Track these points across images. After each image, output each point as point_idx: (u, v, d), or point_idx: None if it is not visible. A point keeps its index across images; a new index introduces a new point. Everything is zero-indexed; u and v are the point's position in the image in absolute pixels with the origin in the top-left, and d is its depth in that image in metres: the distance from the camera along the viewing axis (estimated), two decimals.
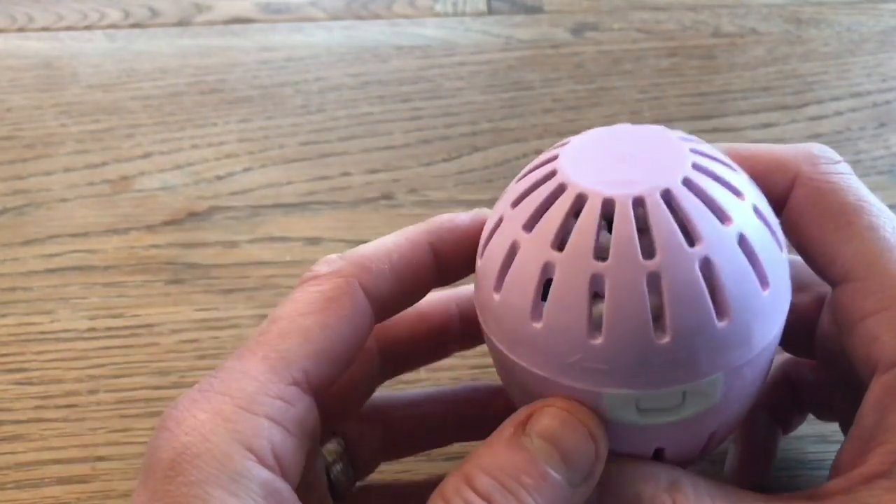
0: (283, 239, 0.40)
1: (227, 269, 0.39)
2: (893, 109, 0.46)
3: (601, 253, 0.21)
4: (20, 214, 0.42)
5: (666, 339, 0.21)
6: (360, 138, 0.45)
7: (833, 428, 0.33)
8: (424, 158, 0.44)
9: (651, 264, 0.20)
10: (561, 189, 0.21)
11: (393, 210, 0.41)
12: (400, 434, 0.29)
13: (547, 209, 0.21)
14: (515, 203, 0.22)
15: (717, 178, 0.22)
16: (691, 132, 0.24)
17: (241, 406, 0.21)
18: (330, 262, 0.24)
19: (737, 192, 0.22)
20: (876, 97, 0.46)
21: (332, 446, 0.28)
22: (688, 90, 0.47)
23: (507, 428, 0.22)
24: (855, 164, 0.43)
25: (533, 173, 0.23)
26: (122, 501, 0.32)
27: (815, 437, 0.32)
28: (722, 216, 0.21)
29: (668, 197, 0.21)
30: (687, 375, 0.21)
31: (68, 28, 0.51)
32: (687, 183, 0.21)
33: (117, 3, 0.52)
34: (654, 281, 0.20)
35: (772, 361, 0.24)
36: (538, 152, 0.44)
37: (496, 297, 0.22)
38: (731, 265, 0.21)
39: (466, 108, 0.46)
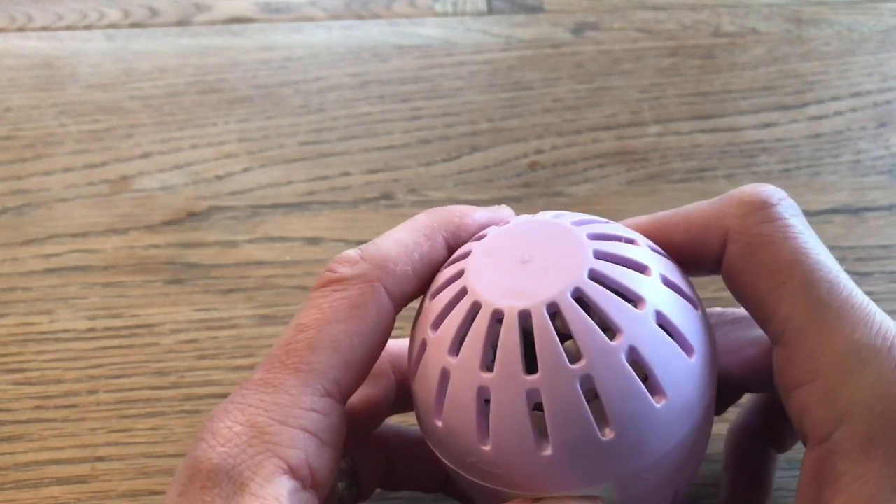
0: (283, 239, 0.40)
1: (227, 269, 0.39)
2: (894, 109, 0.46)
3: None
4: (19, 214, 0.42)
5: (548, 452, 0.21)
6: (360, 138, 0.45)
7: None
8: (424, 158, 0.44)
9: (530, 380, 0.21)
10: (476, 308, 0.22)
11: (393, 210, 0.41)
12: (401, 467, 0.29)
13: (467, 330, 0.22)
14: (435, 326, 0.23)
15: (613, 284, 0.22)
16: (692, 132, 0.24)
17: (275, 419, 0.22)
18: (352, 261, 0.24)
19: (635, 299, 0.22)
20: (876, 97, 0.46)
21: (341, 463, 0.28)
22: (688, 90, 0.47)
23: None
24: (855, 163, 0.43)
25: (446, 291, 0.23)
26: (121, 501, 0.32)
27: None
28: (614, 326, 0.21)
29: (553, 310, 0.21)
30: (574, 483, 0.22)
31: (68, 28, 0.51)
32: (578, 292, 0.21)
33: (117, 3, 0.52)
34: (535, 395, 0.21)
35: (701, 443, 0.24)
36: (538, 152, 0.44)
37: (438, 423, 0.23)
38: (614, 380, 0.21)
39: (466, 108, 0.46)
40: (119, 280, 0.39)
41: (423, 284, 0.24)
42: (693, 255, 0.25)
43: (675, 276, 0.23)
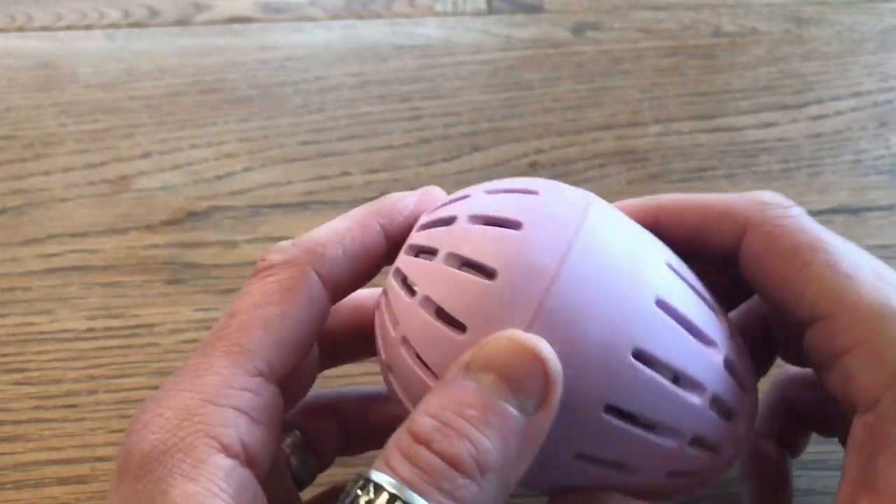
0: (283, 239, 0.40)
1: (227, 269, 0.39)
2: (894, 109, 0.46)
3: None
4: (19, 214, 0.42)
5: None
6: (360, 138, 0.45)
7: None
8: (424, 158, 0.44)
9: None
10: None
11: None
12: (354, 430, 0.29)
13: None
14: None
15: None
16: (692, 131, 0.24)
17: (206, 399, 0.22)
18: (283, 249, 0.24)
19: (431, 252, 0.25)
20: (877, 97, 0.46)
21: (289, 440, 0.28)
22: (688, 90, 0.47)
23: (451, 371, 0.21)
24: (855, 163, 0.43)
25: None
26: None
27: (815, 437, 0.32)
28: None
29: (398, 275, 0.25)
30: None
31: (68, 27, 0.51)
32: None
33: (117, 3, 0.52)
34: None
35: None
36: (538, 152, 0.44)
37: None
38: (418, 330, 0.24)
39: (466, 108, 0.46)
40: (119, 280, 0.39)
41: (356, 266, 0.25)
42: (703, 238, 0.25)
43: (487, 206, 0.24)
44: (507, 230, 0.23)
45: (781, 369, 0.31)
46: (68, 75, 0.48)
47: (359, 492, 0.19)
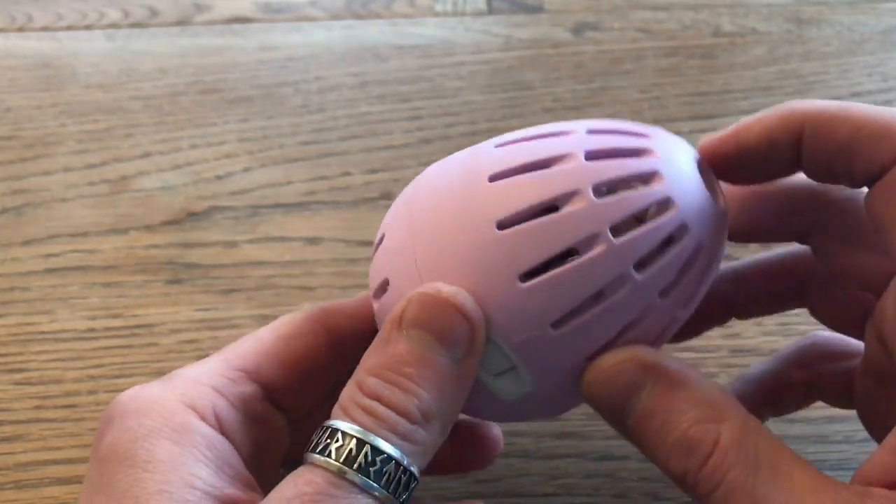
0: (283, 239, 0.40)
1: (227, 269, 0.39)
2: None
3: None
4: (19, 214, 0.42)
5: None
6: (360, 138, 0.45)
7: (833, 429, 0.33)
8: (424, 158, 0.44)
9: None
10: None
11: None
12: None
13: None
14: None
15: None
16: (692, 132, 0.24)
17: (188, 378, 0.24)
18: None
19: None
20: (877, 97, 0.46)
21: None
22: (688, 90, 0.47)
23: (384, 329, 0.23)
24: None
25: None
26: None
27: (816, 437, 0.32)
28: None
29: None
30: None
31: (68, 28, 0.51)
32: None
33: (117, 3, 0.52)
34: None
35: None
36: None
37: None
38: None
39: (466, 108, 0.46)
40: (119, 280, 0.39)
41: (357, 321, 0.27)
42: (850, 156, 0.23)
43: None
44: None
45: (805, 336, 0.30)
46: (68, 75, 0.48)
47: (328, 440, 0.22)
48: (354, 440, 0.21)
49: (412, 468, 0.22)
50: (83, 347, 0.37)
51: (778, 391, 0.30)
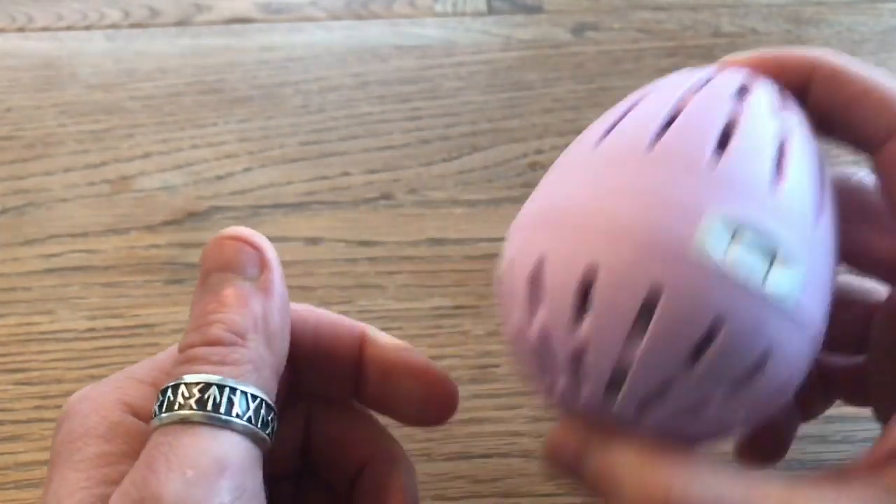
0: (283, 239, 0.40)
1: None
2: None
3: None
4: (20, 214, 0.42)
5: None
6: (360, 138, 0.45)
7: (834, 428, 0.33)
8: (424, 158, 0.44)
9: None
10: None
11: (393, 210, 0.41)
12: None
13: None
14: None
15: None
16: None
17: (133, 377, 0.24)
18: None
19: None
20: None
21: None
22: None
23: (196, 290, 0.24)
24: (856, 163, 0.43)
25: None
26: None
27: (816, 437, 0.32)
28: None
29: None
30: None
31: (68, 28, 0.51)
32: None
33: (117, 3, 0.52)
34: None
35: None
36: (538, 152, 0.44)
37: None
38: None
39: (466, 108, 0.46)
40: (119, 280, 0.39)
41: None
42: (851, 116, 0.24)
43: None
44: None
45: None
46: (69, 76, 0.48)
47: (161, 395, 0.22)
48: (169, 388, 0.22)
49: (243, 387, 0.22)
50: (83, 347, 0.37)
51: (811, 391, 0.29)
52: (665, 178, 0.21)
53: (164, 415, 0.21)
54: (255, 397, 0.22)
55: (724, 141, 0.21)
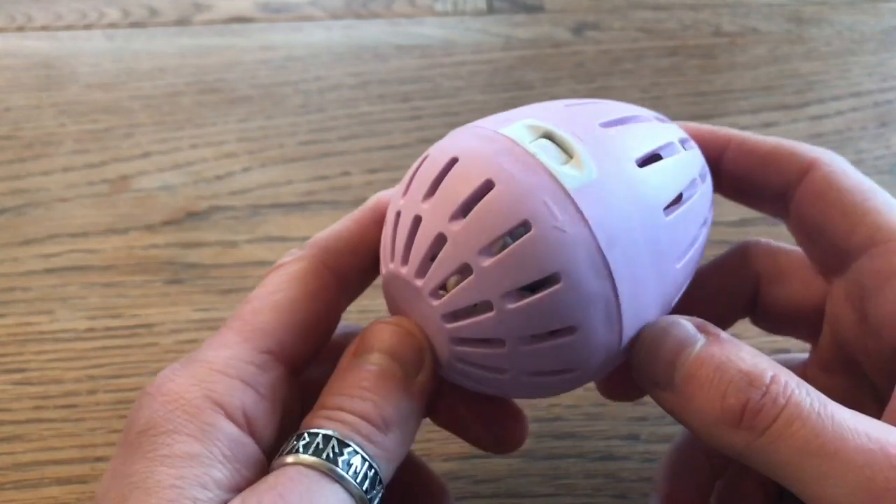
0: (283, 239, 0.40)
1: (227, 269, 0.39)
2: (894, 109, 0.46)
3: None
4: (19, 214, 0.42)
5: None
6: (360, 138, 0.45)
7: None
8: None
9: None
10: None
11: None
12: None
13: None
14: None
15: None
16: None
17: (215, 370, 0.23)
18: (293, 252, 0.27)
19: None
20: (877, 97, 0.46)
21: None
22: (688, 89, 0.47)
23: (343, 359, 0.24)
24: (856, 163, 0.43)
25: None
26: None
27: None
28: None
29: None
30: None
31: (67, 27, 0.51)
32: None
33: (116, 3, 0.52)
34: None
35: None
36: None
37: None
38: None
39: (466, 108, 0.46)
40: (119, 280, 0.39)
41: (361, 259, 0.27)
42: (766, 174, 0.27)
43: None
44: None
45: None
46: (68, 75, 0.48)
47: (296, 441, 0.22)
48: (320, 436, 0.22)
49: (377, 465, 0.22)
50: (83, 347, 0.37)
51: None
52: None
53: (285, 457, 0.22)
54: (377, 475, 0.23)
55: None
